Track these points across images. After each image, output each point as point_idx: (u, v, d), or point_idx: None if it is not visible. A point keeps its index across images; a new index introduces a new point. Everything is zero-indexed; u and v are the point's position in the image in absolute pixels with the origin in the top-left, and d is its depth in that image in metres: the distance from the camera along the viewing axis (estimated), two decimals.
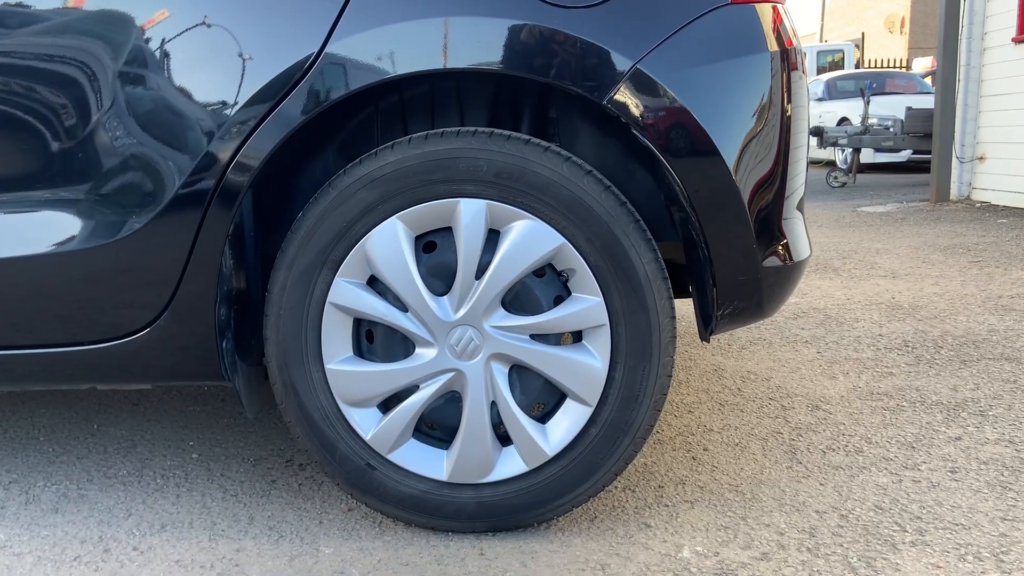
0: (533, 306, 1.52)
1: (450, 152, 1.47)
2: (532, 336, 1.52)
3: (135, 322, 1.56)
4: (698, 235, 1.51)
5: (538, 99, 1.70)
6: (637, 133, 1.46)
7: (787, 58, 1.54)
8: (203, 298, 1.54)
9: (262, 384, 1.70)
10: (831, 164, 11.36)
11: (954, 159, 7.03)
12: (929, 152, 7.87)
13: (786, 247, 1.60)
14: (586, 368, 1.51)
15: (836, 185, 9.31)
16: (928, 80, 18.25)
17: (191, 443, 2.11)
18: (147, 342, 1.57)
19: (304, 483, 1.87)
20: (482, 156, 1.46)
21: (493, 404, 1.54)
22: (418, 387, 1.55)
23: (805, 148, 1.66)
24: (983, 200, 6.90)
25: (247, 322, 1.65)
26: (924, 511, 1.66)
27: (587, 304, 1.49)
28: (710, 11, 1.46)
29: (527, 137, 1.49)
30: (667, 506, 1.70)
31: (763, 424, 2.14)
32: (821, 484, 1.79)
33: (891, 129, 9.26)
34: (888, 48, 25.48)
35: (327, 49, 1.44)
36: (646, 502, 1.72)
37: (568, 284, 1.52)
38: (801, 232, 1.69)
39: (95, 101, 1.48)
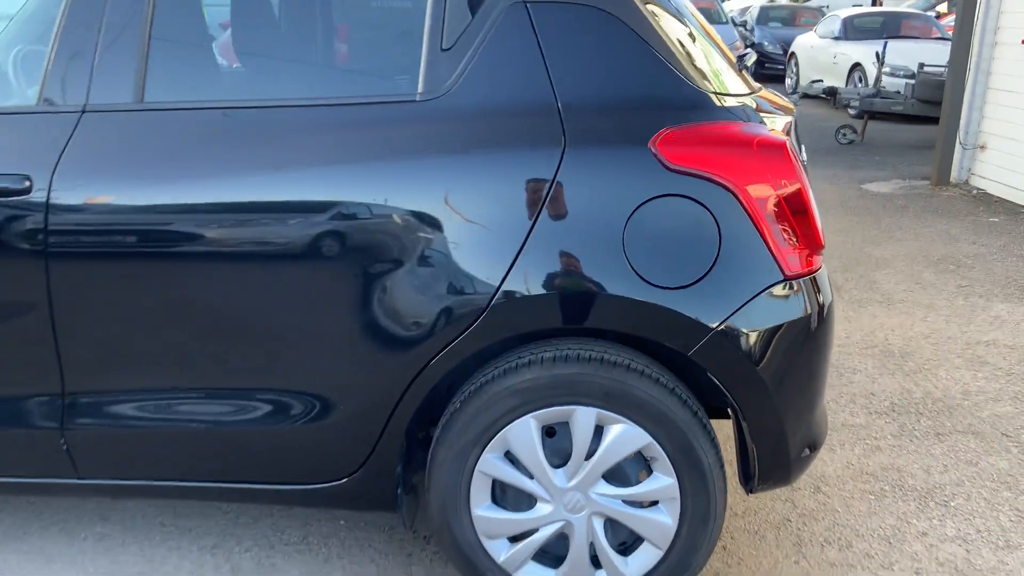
0: (624, 478, 2.12)
1: (571, 376, 2.03)
2: (623, 500, 2.12)
3: (341, 472, 2.16)
4: (748, 442, 2.10)
5: None
6: (711, 376, 2.03)
7: (823, 314, 2.09)
8: (388, 458, 2.14)
9: (415, 504, 2.31)
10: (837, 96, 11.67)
11: (957, 144, 7.48)
12: (936, 117, 8.32)
13: (813, 443, 2.19)
14: (661, 525, 2.12)
15: (845, 142, 9.73)
16: (943, 8, 18.26)
17: None
18: (345, 486, 2.17)
19: (434, 559, 2.50)
20: (594, 380, 2.03)
21: (591, 543, 2.16)
22: (537, 529, 2.16)
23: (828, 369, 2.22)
24: (980, 187, 7.40)
25: (409, 466, 2.25)
26: None
27: (665, 483, 2.09)
28: (772, 285, 2.00)
29: (628, 363, 2.05)
30: None
31: (776, 509, 2.77)
32: None
33: (901, 92, 9.64)
34: None
35: (493, 305, 1.98)
36: None
37: (651, 464, 2.11)
38: (824, 424, 2.26)
39: (338, 301, 2.02)
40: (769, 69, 16.25)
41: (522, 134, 2.01)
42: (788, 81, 14.81)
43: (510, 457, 2.13)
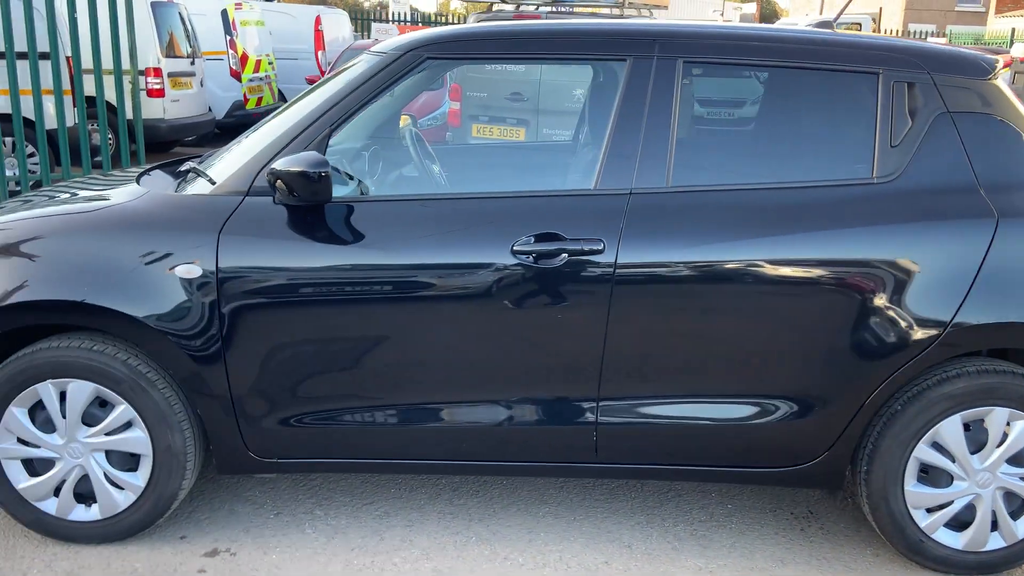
0: (1022, 460, 2.85)
1: (992, 384, 2.77)
2: (1020, 477, 2.85)
3: (808, 457, 2.86)
4: None
5: None
6: None
7: None
8: (844, 448, 2.85)
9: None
10: None
11: None
12: None
13: None
14: None
15: None
16: None
17: (713, 494, 3.42)
18: (810, 468, 2.88)
19: (824, 532, 3.19)
20: (1011, 387, 2.77)
21: (992, 511, 2.88)
22: (952, 502, 2.88)
23: None
24: None
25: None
26: None
27: None
28: None
29: None
30: None
31: None
32: None
33: None
34: (891, 17, 26.82)
35: (947, 331, 2.71)
36: None
37: None
38: None
39: (829, 328, 2.74)
40: None
41: (960, 208, 2.76)
42: None
43: (936, 446, 2.85)
